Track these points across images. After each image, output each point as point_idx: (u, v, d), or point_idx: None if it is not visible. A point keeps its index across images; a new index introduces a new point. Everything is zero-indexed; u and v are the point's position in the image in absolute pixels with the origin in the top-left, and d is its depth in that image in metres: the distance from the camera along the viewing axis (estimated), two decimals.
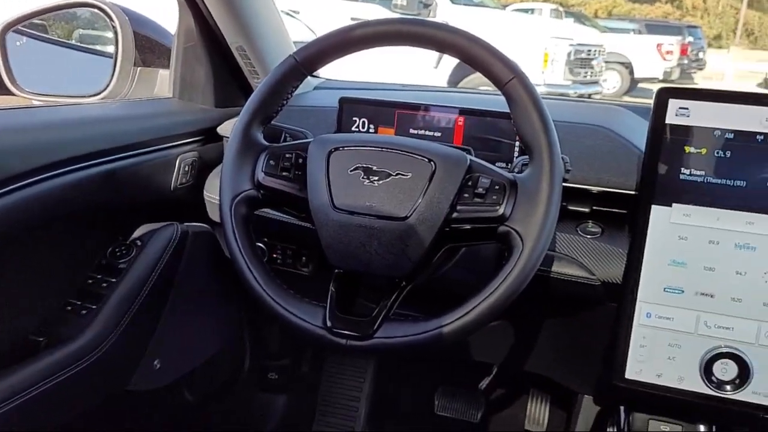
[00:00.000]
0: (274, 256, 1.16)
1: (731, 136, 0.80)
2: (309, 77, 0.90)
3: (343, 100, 1.06)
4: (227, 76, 1.21)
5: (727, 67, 15.58)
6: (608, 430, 1.11)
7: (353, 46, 0.82)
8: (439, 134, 1.02)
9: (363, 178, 0.77)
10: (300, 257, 1.14)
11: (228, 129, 1.10)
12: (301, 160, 0.82)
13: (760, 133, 0.79)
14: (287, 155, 0.83)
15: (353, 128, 1.05)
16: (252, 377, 1.45)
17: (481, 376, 1.49)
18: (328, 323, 0.76)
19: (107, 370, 0.95)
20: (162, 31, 1.25)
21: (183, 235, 1.07)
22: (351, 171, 0.78)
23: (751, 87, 11.54)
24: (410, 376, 1.60)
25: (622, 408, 1.10)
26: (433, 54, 5.42)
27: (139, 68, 1.20)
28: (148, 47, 1.22)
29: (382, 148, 0.79)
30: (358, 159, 0.79)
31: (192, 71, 1.17)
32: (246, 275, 0.80)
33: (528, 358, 1.19)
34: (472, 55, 0.77)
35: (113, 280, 0.97)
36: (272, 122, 0.88)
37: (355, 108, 1.06)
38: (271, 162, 0.83)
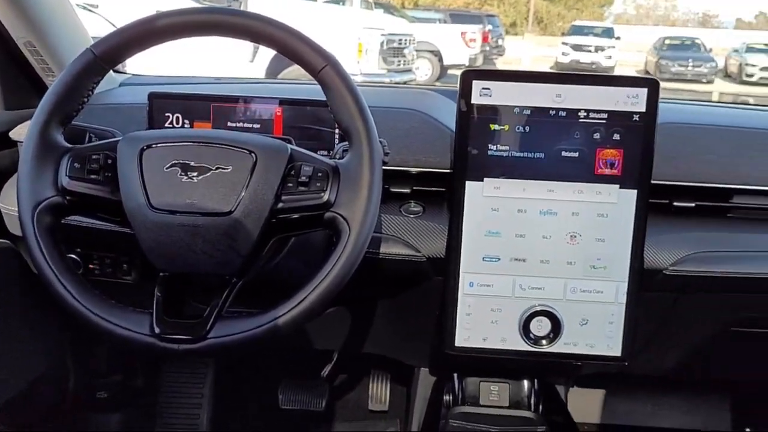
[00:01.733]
0: (91, 266, 1.07)
1: (529, 112, 0.87)
2: (113, 73, 0.84)
3: (152, 96, 1.00)
4: (17, 75, 1.10)
5: (524, 52, 16.98)
6: (444, 397, 1.17)
7: (158, 38, 0.78)
8: (258, 126, 1.00)
9: (181, 174, 0.74)
10: (120, 265, 1.07)
11: (22, 133, 0.99)
12: (110, 161, 0.76)
13: (552, 109, 0.87)
14: (94, 156, 0.77)
15: (166, 124, 1.00)
16: (79, 399, 1.34)
17: (323, 364, 1.50)
18: (157, 330, 0.72)
19: None
20: None
21: None
22: (167, 168, 0.74)
23: (545, 69, 12.65)
24: (252, 374, 1.57)
25: (455, 375, 1.17)
26: (249, 47, 5.32)
27: None
28: None
29: (198, 142, 0.76)
30: (174, 155, 0.75)
31: None
32: (57, 289, 0.73)
33: (366, 341, 1.22)
34: (285, 44, 0.76)
35: None
36: (74, 122, 0.81)
37: (167, 103, 1.00)
38: (76, 165, 0.76)
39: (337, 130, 0.98)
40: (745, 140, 1.03)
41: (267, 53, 5.52)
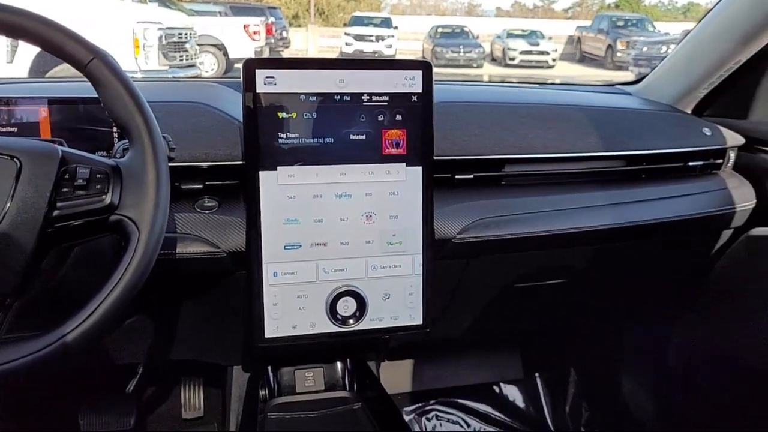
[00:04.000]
0: None
1: (314, 98, 0.88)
2: None
3: None
4: None
5: (309, 44, 17.17)
6: (261, 392, 1.16)
7: None
8: (20, 129, 0.90)
9: None
10: None
11: None
12: None
13: (337, 94, 0.89)
14: None
15: None
16: None
17: (128, 379, 1.41)
18: None
19: None
20: None
21: None
22: None
23: None
24: (47, 401, 1.42)
25: (269, 368, 1.16)
26: (3, 46, 4.76)
27: None
28: None
29: None
30: None
31: None
32: None
33: (172, 347, 1.16)
34: (46, 38, 0.69)
35: None
36: None
37: None
38: None
39: (115, 129, 0.92)
40: (512, 114, 1.14)
41: (31, 51, 4.99)
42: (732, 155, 1.29)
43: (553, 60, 16.69)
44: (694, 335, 1.48)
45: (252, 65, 0.86)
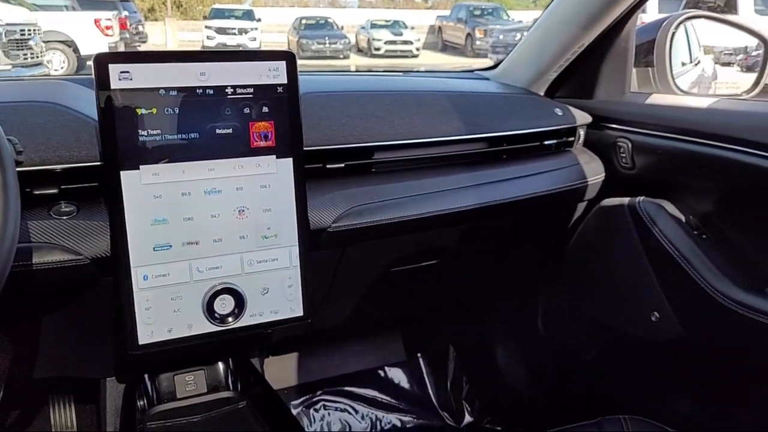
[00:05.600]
0: None
1: (175, 93, 0.85)
2: None
3: None
4: None
5: (168, 38, 16.47)
6: (139, 402, 1.11)
7: None
8: None
9: None
10: None
11: None
12: None
13: (199, 87, 0.86)
14: None
15: None
16: None
17: None
18: None
19: None
20: None
21: None
22: None
23: None
24: None
25: (146, 375, 1.12)
26: None
27: None
28: None
29: None
30: None
31: None
32: None
33: (36, 365, 1.08)
34: None
35: None
36: None
37: None
38: None
39: None
40: (378, 102, 1.16)
41: None
42: (582, 133, 1.39)
43: (417, 49, 17.12)
44: (557, 302, 1.58)
45: (104, 60, 0.82)
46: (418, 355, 1.91)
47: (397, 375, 1.88)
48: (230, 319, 0.91)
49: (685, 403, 1.32)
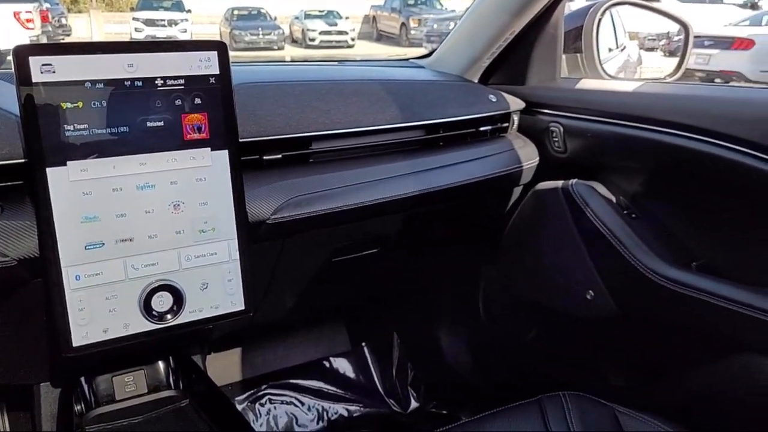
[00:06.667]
0: None
1: (102, 86, 0.82)
2: None
3: None
4: None
5: (93, 31, 15.89)
6: (76, 407, 1.08)
7: None
8: None
9: None
10: None
11: None
12: None
13: (127, 79, 0.83)
14: None
15: None
16: None
17: None
18: None
19: None
20: None
21: None
22: None
23: None
24: None
25: (83, 379, 1.08)
26: None
27: None
28: None
29: None
30: None
31: None
32: None
33: None
34: None
35: None
36: None
37: None
38: None
39: None
40: (314, 92, 1.15)
41: None
42: (516, 118, 1.42)
43: (352, 39, 17.06)
44: (497, 286, 1.62)
45: (24, 52, 0.78)
46: (363, 344, 1.91)
47: (343, 365, 1.88)
48: (169, 316, 0.89)
49: (621, 377, 1.37)
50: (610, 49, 1.64)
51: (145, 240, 0.87)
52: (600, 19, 1.44)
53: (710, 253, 1.17)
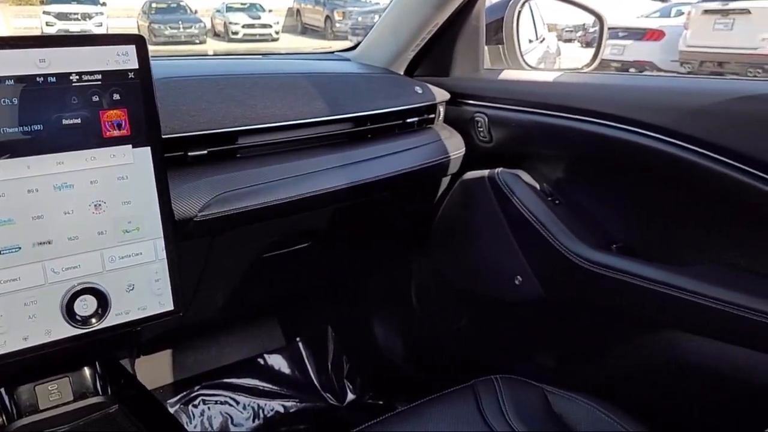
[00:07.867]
0: None
1: (12, 82, 0.78)
2: None
3: None
4: None
5: (0, 25, 15.07)
6: None
7: None
8: None
9: None
10: None
11: None
12: None
13: (39, 75, 0.79)
14: None
15: None
16: None
17: None
18: None
19: None
20: None
21: None
22: None
23: None
24: None
25: (2, 390, 1.04)
26: None
27: None
28: None
29: None
30: None
31: None
32: None
33: None
34: None
35: None
36: None
37: None
38: None
39: None
40: (239, 86, 1.13)
41: None
42: (442, 110, 1.44)
43: (277, 33, 16.84)
44: (428, 276, 1.64)
45: None
46: (297, 339, 1.91)
47: (277, 361, 1.87)
48: (93, 320, 0.86)
49: (550, 358, 1.42)
50: (530, 41, 1.69)
51: (65, 242, 0.83)
52: (519, 11, 1.48)
53: (629, 236, 1.23)
